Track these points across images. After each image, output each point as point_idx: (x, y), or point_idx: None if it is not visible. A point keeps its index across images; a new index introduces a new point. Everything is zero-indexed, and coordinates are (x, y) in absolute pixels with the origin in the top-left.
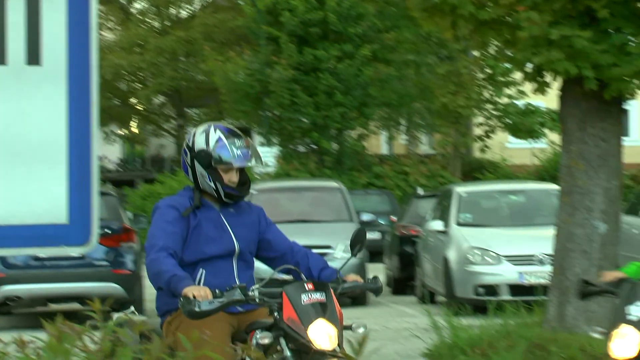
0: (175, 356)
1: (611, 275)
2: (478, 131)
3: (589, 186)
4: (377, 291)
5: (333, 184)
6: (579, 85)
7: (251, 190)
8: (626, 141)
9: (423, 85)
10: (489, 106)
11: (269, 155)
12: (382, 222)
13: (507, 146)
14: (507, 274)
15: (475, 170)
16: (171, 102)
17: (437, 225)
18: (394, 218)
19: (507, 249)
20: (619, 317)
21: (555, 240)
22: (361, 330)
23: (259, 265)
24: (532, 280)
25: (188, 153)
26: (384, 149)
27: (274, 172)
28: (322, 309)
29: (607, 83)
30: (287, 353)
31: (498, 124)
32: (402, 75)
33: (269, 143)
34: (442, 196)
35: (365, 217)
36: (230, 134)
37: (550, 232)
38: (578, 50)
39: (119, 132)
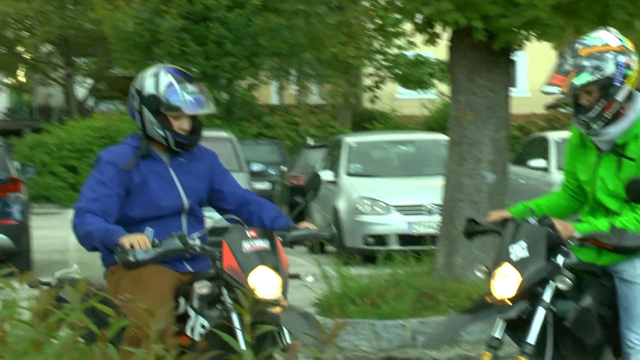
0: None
1: (497, 214)
2: (368, 82)
3: (477, 137)
4: (331, 239)
5: (223, 134)
6: (468, 36)
7: None
8: (514, 92)
9: (313, 36)
10: (378, 57)
11: None
12: (272, 172)
13: (397, 97)
14: (396, 223)
15: (365, 121)
16: (59, 51)
17: (327, 175)
18: (284, 168)
19: (396, 199)
20: (501, 257)
21: (444, 191)
22: (310, 278)
23: None
24: (420, 230)
25: (136, 97)
26: (274, 99)
27: None
28: (265, 257)
29: (495, 34)
30: (229, 303)
31: (388, 74)
32: (292, 25)
33: None
34: (332, 146)
35: (256, 167)
36: (182, 77)
37: (439, 182)
38: (467, 1)
39: (6, 81)
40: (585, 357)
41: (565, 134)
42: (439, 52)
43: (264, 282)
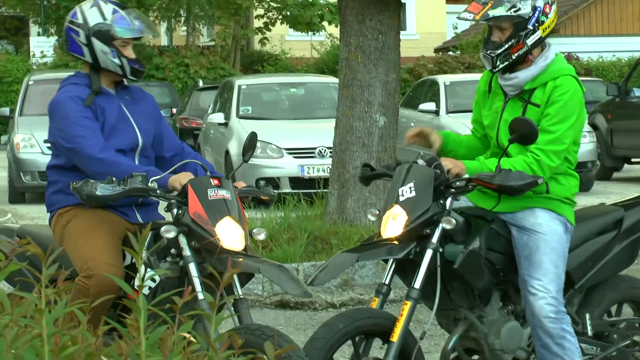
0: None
1: (414, 131)
2: (258, 23)
3: (367, 79)
4: (271, 201)
5: None
6: None
7: (29, 81)
8: (403, 35)
9: None
10: None
11: (46, 45)
12: (164, 114)
13: (287, 39)
14: (288, 167)
15: (256, 63)
16: None
17: (218, 117)
18: (174, 110)
19: (287, 142)
20: (391, 199)
21: (335, 133)
22: (262, 236)
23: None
24: (312, 173)
25: (80, 32)
26: (163, 41)
27: (52, 63)
28: (229, 207)
29: None
30: (188, 252)
31: (277, 16)
32: None
33: (46, 33)
34: (223, 88)
35: None
36: (119, 6)
37: (330, 125)
38: None
39: None
40: (474, 301)
41: (454, 77)
42: None
43: (230, 233)
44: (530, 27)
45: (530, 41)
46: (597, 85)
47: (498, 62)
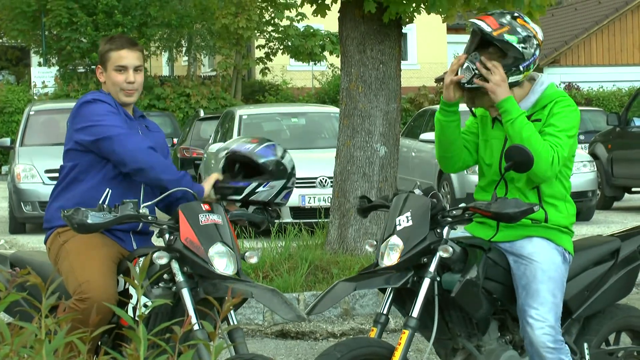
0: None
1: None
2: (259, 53)
3: (368, 109)
4: (261, 225)
5: None
6: (358, 8)
7: (30, 112)
8: (404, 65)
9: (203, 6)
10: (270, 28)
11: (47, 76)
12: None
13: (288, 69)
14: None
15: (257, 93)
16: None
17: (219, 147)
18: (175, 140)
19: None
20: (388, 229)
21: (336, 163)
22: (255, 259)
23: None
24: (313, 203)
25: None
26: (165, 71)
27: (53, 93)
28: (221, 232)
29: (386, 6)
30: (181, 278)
31: (279, 46)
32: None
33: (47, 63)
34: (224, 118)
35: None
36: None
37: (331, 154)
38: None
39: None
40: (472, 330)
41: None
42: (330, 23)
43: (222, 258)
44: (521, 68)
45: (512, 79)
46: (598, 115)
47: (473, 81)
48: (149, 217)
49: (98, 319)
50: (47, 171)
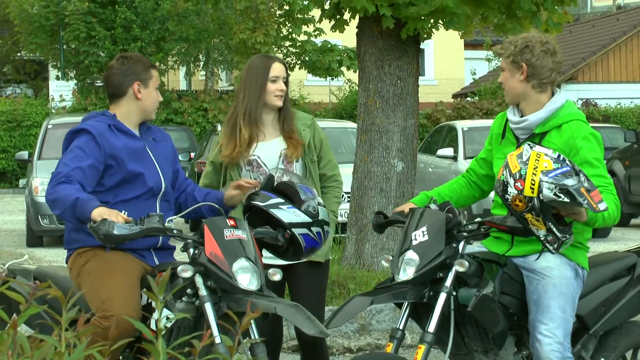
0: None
1: (404, 207)
2: None
3: (386, 125)
4: (281, 246)
5: None
6: (377, 24)
7: (48, 125)
8: (421, 81)
9: (221, 21)
10: (287, 43)
11: (65, 89)
12: (181, 159)
13: (305, 84)
14: None
15: None
16: None
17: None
18: (192, 154)
19: None
20: (404, 244)
21: (353, 179)
22: (278, 277)
23: None
24: None
25: None
26: (182, 85)
27: (70, 107)
28: (245, 247)
29: (403, 22)
30: (204, 292)
31: (296, 61)
32: (200, 10)
33: (65, 77)
34: None
35: None
36: None
37: (348, 170)
38: None
39: None
40: (489, 345)
41: (472, 123)
42: (347, 39)
43: (246, 273)
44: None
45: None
46: (615, 132)
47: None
48: (174, 231)
49: (117, 332)
50: None
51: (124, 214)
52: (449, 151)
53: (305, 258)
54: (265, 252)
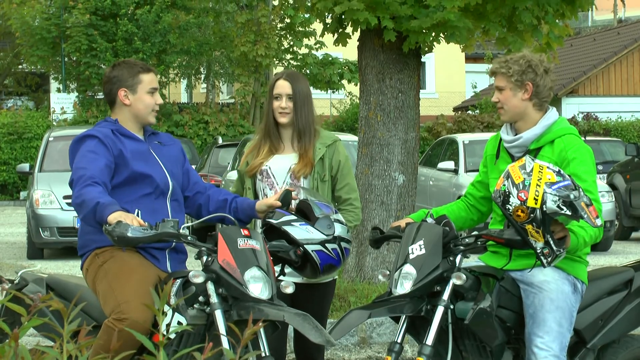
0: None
1: (400, 222)
2: None
3: (387, 138)
4: (293, 261)
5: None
6: (378, 37)
7: (49, 138)
8: (422, 94)
9: (222, 34)
10: (288, 56)
11: (66, 102)
12: None
13: None
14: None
15: None
16: None
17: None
18: (193, 167)
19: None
20: (401, 257)
21: None
22: (290, 289)
23: None
24: None
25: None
26: (183, 98)
27: (72, 119)
28: (258, 257)
29: (405, 35)
30: (215, 299)
31: None
32: (201, 23)
33: (66, 89)
34: (242, 146)
35: None
36: None
37: None
38: (378, 2)
39: None
40: (487, 359)
41: (473, 136)
42: (348, 52)
43: (257, 282)
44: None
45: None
46: (616, 146)
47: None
48: (189, 238)
49: (119, 344)
50: (66, 197)
51: (137, 213)
52: (449, 164)
53: (324, 275)
54: (287, 269)
